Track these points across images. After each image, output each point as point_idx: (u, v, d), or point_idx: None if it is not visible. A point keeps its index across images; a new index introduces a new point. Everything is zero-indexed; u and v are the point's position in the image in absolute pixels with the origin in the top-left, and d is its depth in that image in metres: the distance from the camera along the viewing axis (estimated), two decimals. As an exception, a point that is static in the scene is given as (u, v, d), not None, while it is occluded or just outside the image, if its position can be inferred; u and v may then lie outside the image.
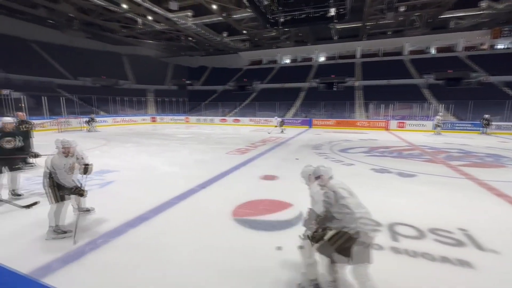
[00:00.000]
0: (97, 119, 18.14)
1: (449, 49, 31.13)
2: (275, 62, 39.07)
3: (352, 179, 5.90)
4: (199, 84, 37.69)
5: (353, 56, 34.73)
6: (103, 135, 14.71)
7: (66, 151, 3.19)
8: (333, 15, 14.27)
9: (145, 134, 15.80)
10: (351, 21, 24.65)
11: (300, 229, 3.47)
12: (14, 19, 27.35)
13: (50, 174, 3.14)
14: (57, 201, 3.18)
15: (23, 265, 2.54)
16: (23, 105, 14.75)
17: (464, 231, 3.34)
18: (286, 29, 26.94)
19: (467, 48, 30.29)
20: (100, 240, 3.12)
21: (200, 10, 22.28)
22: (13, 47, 26.18)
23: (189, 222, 3.65)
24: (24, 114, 7.43)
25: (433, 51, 31.94)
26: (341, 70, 31.44)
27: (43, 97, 17.36)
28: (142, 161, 7.78)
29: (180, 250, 2.93)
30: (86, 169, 3.43)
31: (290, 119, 23.42)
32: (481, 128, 16.28)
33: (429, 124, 18.16)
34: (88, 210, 3.83)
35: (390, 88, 26.62)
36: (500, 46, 29.68)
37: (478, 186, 5.37)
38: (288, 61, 39.26)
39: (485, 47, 30.11)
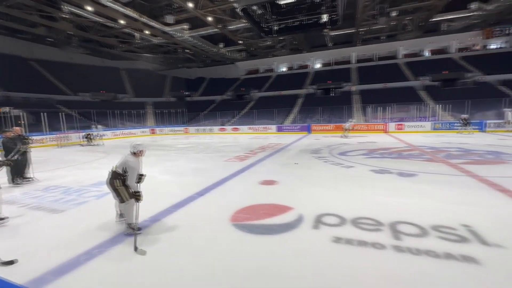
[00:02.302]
0: (95, 133, 18.12)
1: (442, 51, 31.54)
2: (271, 70, 39.52)
3: (352, 181, 5.86)
4: (197, 95, 37.99)
5: (349, 62, 35.16)
6: (102, 148, 14.69)
7: (141, 153, 3.62)
8: (325, 21, 14.54)
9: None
10: (344, 28, 25.12)
11: (300, 231, 3.41)
12: (14, 39, 27.90)
13: (121, 175, 3.42)
14: (131, 197, 3.41)
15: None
16: (22, 121, 14.81)
17: (468, 227, 3.27)
18: (281, 38, 27.37)
19: (460, 50, 30.67)
20: (96, 250, 3.04)
21: (196, 23, 22.72)
22: (12, 66, 26.55)
23: (186, 229, 3.58)
24: (22, 129, 7.42)
25: (427, 53, 32.37)
26: (338, 76, 31.77)
27: (42, 113, 17.47)
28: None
29: (176, 256, 2.86)
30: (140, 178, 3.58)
31: (288, 126, 23.50)
32: (459, 127, 16.23)
33: (427, 124, 18.18)
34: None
35: (386, 91, 26.80)
36: (493, 46, 30.08)
37: (480, 183, 5.30)
38: (284, 69, 39.72)
39: (478, 47, 30.50)
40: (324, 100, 28.23)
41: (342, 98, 27.87)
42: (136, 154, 3.61)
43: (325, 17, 14.14)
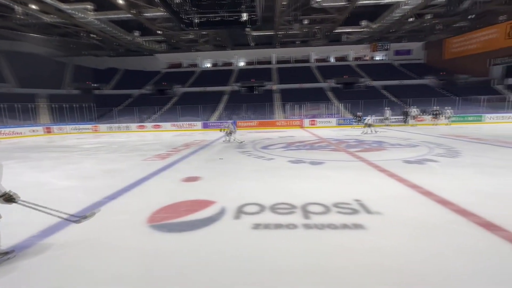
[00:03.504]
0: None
1: (343, 58, 37.42)
2: (196, 65, 38.32)
3: (272, 172, 6.30)
4: (109, 87, 33.27)
5: (270, 62, 37.51)
6: (-33, 153, 11.13)
7: None
8: (246, 20, 15.08)
9: (35, 148, 12.81)
10: (264, 29, 26.60)
11: (222, 223, 3.45)
12: None
13: None
14: None
15: None
16: None
17: (358, 201, 3.99)
18: (204, 32, 26.82)
19: (355, 58, 37.07)
20: (-50, 284, 2.28)
21: (103, 4, 19.76)
22: None
23: (91, 239, 3.10)
24: None
25: (332, 59, 37.74)
26: (260, 75, 33.44)
27: None
28: (29, 179, 6.21)
29: (83, 271, 2.44)
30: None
31: (214, 122, 23.35)
32: (353, 123, 20.01)
33: (333, 120, 21.28)
34: None
35: (302, 91, 29.90)
36: (377, 58, 37.63)
37: (368, 166, 6.56)
38: (209, 65, 39.15)
39: (367, 58, 37.56)
40: (248, 98, 29.26)
41: (264, 96, 29.53)
42: None
43: (245, 16, 14.64)
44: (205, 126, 22.79)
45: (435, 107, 20.47)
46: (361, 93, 28.46)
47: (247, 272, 2.38)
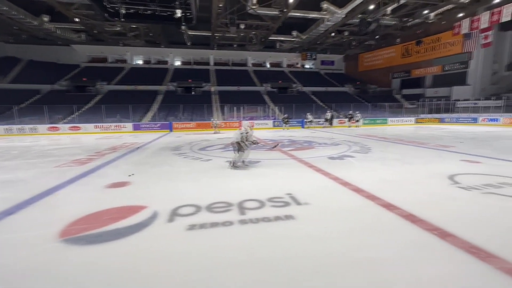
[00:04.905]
0: None
1: (278, 64, 39.82)
2: (124, 61, 34.77)
3: (209, 172, 6.22)
4: (6, 81, 27.07)
5: (208, 63, 36.97)
6: None
7: None
8: (180, 17, 14.46)
9: None
10: (201, 29, 26.11)
11: (154, 228, 3.23)
12: None
13: None
14: None
15: None
16: None
17: (290, 195, 4.31)
18: (134, 26, 24.60)
19: (288, 65, 39.93)
20: None
21: (-4, -23, 16.00)
22: None
23: (-23, 264, 2.47)
24: None
25: (268, 65, 39.70)
26: (198, 75, 32.61)
27: None
28: None
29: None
30: None
31: (147, 124, 21.61)
32: (283, 125, 21.60)
33: (270, 122, 22.43)
34: None
35: (240, 93, 30.48)
36: (307, 66, 41.39)
37: (299, 163, 7.15)
38: (140, 62, 36.09)
39: (299, 66, 40.94)
40: (185, 98, 28.16)
41: (203, 97, 28.93)
42: None
43: (179, 13, 14.02)
44: (137, 128, 20.85)
45: (350, 112, 23.72)
46: (293, 97, 30.82)
47: (182, 273, 2.29)
